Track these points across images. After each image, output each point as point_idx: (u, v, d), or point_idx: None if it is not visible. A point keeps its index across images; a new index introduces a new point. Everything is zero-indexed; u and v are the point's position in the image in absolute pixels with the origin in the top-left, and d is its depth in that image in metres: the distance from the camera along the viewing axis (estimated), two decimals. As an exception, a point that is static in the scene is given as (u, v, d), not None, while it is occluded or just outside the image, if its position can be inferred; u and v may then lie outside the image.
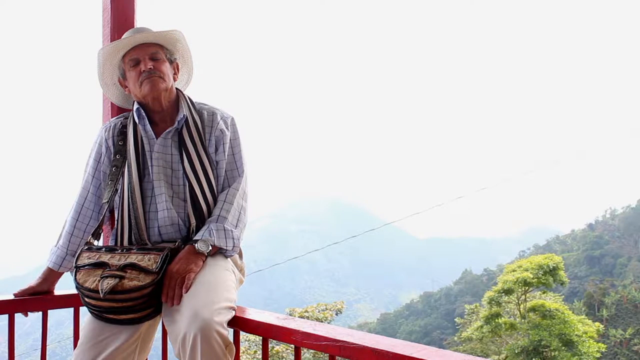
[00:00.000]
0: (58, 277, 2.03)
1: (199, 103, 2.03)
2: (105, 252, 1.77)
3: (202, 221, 1.87)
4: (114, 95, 2.12)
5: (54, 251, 1.99)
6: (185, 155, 1.89)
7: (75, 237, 1.97)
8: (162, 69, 1.92)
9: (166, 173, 1.89)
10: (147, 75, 1.89)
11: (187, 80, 2.15)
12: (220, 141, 1.95)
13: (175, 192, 1.89)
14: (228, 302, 1.69)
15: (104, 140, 1.98)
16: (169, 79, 1.94)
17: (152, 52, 1.93)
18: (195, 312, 1.57)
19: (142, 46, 1.93)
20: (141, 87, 1.90)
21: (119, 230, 1.90)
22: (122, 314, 1.69)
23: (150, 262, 1.69)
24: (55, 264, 1.98)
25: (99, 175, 1.98)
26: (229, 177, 1.96)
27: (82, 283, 1.71)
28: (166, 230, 1.86)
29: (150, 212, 1.88)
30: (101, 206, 1.97)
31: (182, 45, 2.02)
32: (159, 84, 1.90)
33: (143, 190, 1.89)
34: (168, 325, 1.68)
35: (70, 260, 1.97)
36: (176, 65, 2.03)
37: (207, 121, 1.96)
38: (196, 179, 1.87)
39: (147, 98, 1.91)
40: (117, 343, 1.73)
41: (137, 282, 1.65)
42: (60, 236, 2.00)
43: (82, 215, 1.97)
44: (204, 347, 1.53)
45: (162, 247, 1.76)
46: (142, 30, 1.95)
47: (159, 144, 1.90)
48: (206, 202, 1.88)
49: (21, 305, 1.97)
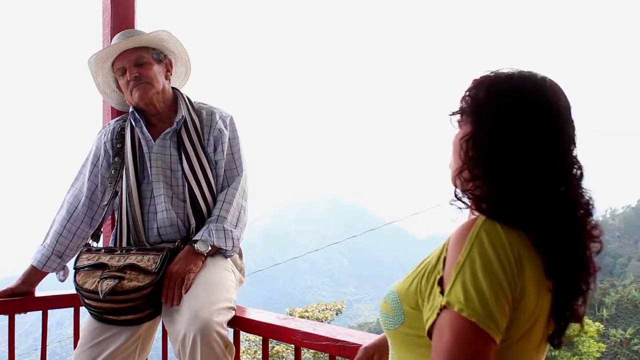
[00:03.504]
0: (40, 277, 1.99)
1: (198, 103, 2.01)
2: (104, 253, 1.77)
3: (202, 221, 1.86)
4: (114, 101, 2.12)
5: (39, 249, 1.96)
6: (184, 155, 1.88)
7: (64, 238, 1.94)
8: (149, 74, 1.88)
9: (165, 174, 1.89)
10: (135, 84, 1.86)
11: (185, 73, 2.11)
12: (218, 141, 1.93)
13: (174, 193, 1.88)
14: (228, 302, 1.69)
15: (102, 144, 1.97)
16: (158, 82, 1.90)
17: (136, 58, 1.88)
18: (195, 312, 1.57)
19: (125, 53, 1.89)
20: (132, 95, 1.88)
21: (117, 231, 1.90)
22: (122, 314, 1.69)
23: (149, 263, 1.69)
24: (40, 262, 1.94)
25: (94, 178, 1.96)
26: (228, 176, 1.95)
27: (81, 284, 1.70)
28: (165, 231, 1.86)
29: (149, 214, 1.87)
30: (95, 210, 1.95)
31: (169, 42, 1.96)
32: (148, 91, 1.87)
33: (142, 191, 1.88)
34: (168, 325, 1.68)
35: (55, 260, 1.94)
36: (168, 62, 1.98)
37: (205, 121, 1.95)
38: (195, 179, 1.86)
39: (139, 105, 1.90)
40: (116, 344, 1.73)
41: (136, 282, 1.65)
42: (48, 235, 1.97)
43: (74, 217, 1.95)
44: (203, 347, 1.53)
45: (161, 248, 1.76)
46: (129, 35, 1.91)
47: (157, 145, 1.89)
48: (205, 202, 1.87)
49: (21, 305, 1.97)
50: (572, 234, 0.88)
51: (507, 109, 0.89)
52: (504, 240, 0.83)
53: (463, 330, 0.79)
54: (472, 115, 0.93)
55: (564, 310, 0.89)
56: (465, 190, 0.93)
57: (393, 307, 0.95)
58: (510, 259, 0.82)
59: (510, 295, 0.81)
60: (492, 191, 0.88)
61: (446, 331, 0.81)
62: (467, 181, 0.92)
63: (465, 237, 0.84)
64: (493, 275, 0.81)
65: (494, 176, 0.88)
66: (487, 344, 0.79)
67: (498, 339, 0.80)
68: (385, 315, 0.97)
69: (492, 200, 0.86)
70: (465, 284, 0.81)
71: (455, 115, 0.98)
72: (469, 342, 0.79)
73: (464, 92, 0.96)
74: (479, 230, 0.84)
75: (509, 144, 0.87)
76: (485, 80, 0.94)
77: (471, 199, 0.91)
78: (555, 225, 0.87)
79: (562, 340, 0.91)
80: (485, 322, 0.79)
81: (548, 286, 0.87)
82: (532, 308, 0.85)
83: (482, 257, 0.82)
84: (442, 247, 0.91)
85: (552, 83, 0.92)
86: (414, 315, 0.91)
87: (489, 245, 0.82)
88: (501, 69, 0.95)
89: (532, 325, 0.86)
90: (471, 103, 0.94)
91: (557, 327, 0.91)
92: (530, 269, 0.84)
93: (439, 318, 0.83)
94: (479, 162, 0.90)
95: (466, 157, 0.92)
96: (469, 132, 0.92)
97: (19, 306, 1.96)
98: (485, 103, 0.92)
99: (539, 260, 0.86)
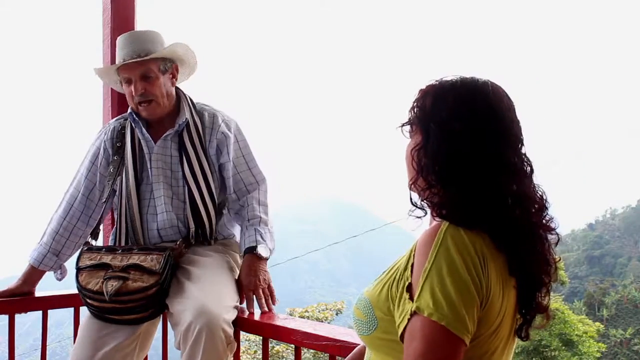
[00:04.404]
0: (39, 277, 1.99)
1: (200, 104, 2.00)
2: (105, 252, 1.77)
3: (201, 223, 1.86)
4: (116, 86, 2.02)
5: (36, 248, 1.96)
6: (185, 157, 1.87)
7: (61, 236, 1.94)
8: (155, 91, 1.82)
9: (165, 175, 1.88)
10: (140, 100, 1.82)
11: (188, 74, 2.06)
12: (223, 144, 1.92)
13: (174, 193, 1.88)
14: (234, 301, 1.71)
15: (102, 142, 1.96)
16: (163, 96, 1.85)
17: (144, 72, 1.80)
18: (204, 305, 1.58)
19: (132, 64, 1.80)
20: (137, 109, 1.85)
21: (117, 231, 1.91)
22: (125, 314, 1.70)
23: (153, 263, 1.69)
24: (36, 260, 1.94)
25: (92, 177, 1.95)
26: (244, 177, 1.94)
27: (85, 285, 1.70)
28: (166, 233, 1.86)
29: (148, 215, 1.87)
30: (93, 209, 1.95)
31: (181, 53, 1.90)
32: (155, 110, 1.85)
33: (141, 192, 1.88)
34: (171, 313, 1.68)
35: (51, 258, 1.94)
36: (175, 68, 1.91)
37: (207, 123, 1.93)
38: (195, 181, 1.86)
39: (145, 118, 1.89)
40: (116, 341, 1.73)
41: (141, 283, 1.65)
42: (45, 233, 1.97)
43: (70, 215, 1.94)
44: (207, 341, 1.53)
45: (163, 247, 1.76)
46: (135, 40, 1.82)
47: (158, 146, 1.88)
48: (204, 204, 1.86)
49: (21, 305, 1.97)
50: (530, 229, 0.92)
51: (453, 116, 0.92)
52: (468, 243, 0.86)
53: (434, 334, 0.82)
54: (420, 125, 0.97)
55: (529, 304, 0.94)
56: (423, 198, 0.97)
57: (365, 313, 0.97)
58: (475, 262, 0.85)
59: (477, 297, 0.84)
60: (448, 197, 0.91)
61: (417, 336, 0.84)
62: (423, 190, 0.96)
63: (430, 243, 0.87)
64: (459, 279, 0.83)
65: (447, 182, 0.92)
66: (457, 346, 0.83)
67: (467, 340, 0.83)
68: (359, 321, 0.99)
69: (450, 205, 0.90)
70: (434, 289, 0.83)
71: (405, 126, 1.01)
72: (440, 346, 0.82)
73: (412, 102, 1.00)
74: (443, 236, 0.86)
75: (458, 150, 0.91)
76: (431, 90, 0.98)
77: (430, 207, 0.95)
78: (514, 224, 0.90)
79: (529, 332, 0.95)
80: (454, 325, 0.82)
81: (512, 283, 0.91)
82: (499, 306, 0.88)
83: (448, 262, 0.84)
84: (410, 253, 0.93)
85: (495, 86, 0.96)
86: (387, 321, 0.93)
87: (454, 250, 0.85)
88: (445, 76, 0.98)
89: (500, 322, 0.90)
90: (419, 113, 0.98)
91: (523, 320, 0.95)
92: (494, 268, 0.87)
93: (410, 324, 0.86)
94: (432, 170, 0.93)
95: (419, 166, 0.95)
96: (419, 142, 0.96)
97: (19, 306, 1.96)
98: (432, 112, 0.95)
99: (501, 259, 0.89)
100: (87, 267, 1.73)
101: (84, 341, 1.74)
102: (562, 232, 0.99)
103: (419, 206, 0.98)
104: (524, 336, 0.95)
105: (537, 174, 0.96)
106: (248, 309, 1.74)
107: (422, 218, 0.98)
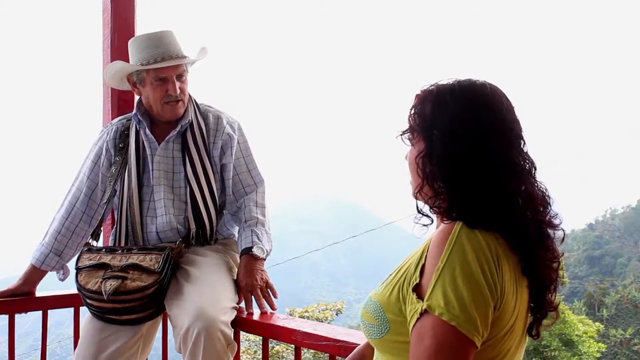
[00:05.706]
0: (40, 277, 1.99)
1: (204, 105, 2.00)
2: (105, 252, 1.77)
3: (202, 224, 1.86)
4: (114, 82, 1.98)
5: (38, 247, 1.96)
6: (187, 158, 1.87)
7: (63, 236, 1.94)
8: (185, 90, 1.87)
9: (167, 177, 1.88)
10: (170, 100, 1.83)
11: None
12: (227, 145, 1.92)
13: (176, 195, 1.88)
14: (232, 302, 1.71)
15: (105, 143, 1.95)
16: (186, 97, 1.89)
17: (180, 71, 1.85)
18: (201, 309, 1.57)
19: (172, 63, 1.81)
20: (162, 108, 1.85)
21: (117, 231, 1.91)
22: (124, 314, 1.70)
23: (152, 262, 1.69)
24: (38, 260, 1.94)
25: (94, 177, 1.95)
26: (243, 179, 1.95)
27: (84, 285, 1.70)
28: (165, 235, 1.86)
29: (148, 217, 1.87)
30: (95, 209, 1.95)
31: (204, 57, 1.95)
32: (181, 109, 1.87)
33: (142, 194, 1.88)
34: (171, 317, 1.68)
35: (53, 258, 1.94)
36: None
37: (212, 125, 1.93)
38: (197, 183, 1.86)
39: (161, 116, 1.88)
40: (118, 343, 1.73)
41: (140, 282, 1.66)
42: (47, 233, 1.97)
43: (72, 215, 1.94)
44: (206, 344, 1.54)
45: (162, 247, 1.76)
46: (171, 40, 1.83)
47: (161, 147, 1.88)
48: (206, 205, 1.86)
49: (21, 305, 1.97)
50: (539, 228, 0.92)
51: (455, 121, 0.92)
52: (483, 244, 0.85)
53: (443, 334, 0.81)
54: (422, 132, 0.96)
55: (541, 302, 0.94)
56: (430, 205, 0.96)
57: (376, 316, 0.96)
58: (490, 264, 0.84)
59: (490, 299, 0.83)
60: (458, 201, 0.90)
61: (427, 335, 0.83)
62: (429, 197, 0.95)
63: (443, 244, 0.86)
64: (473, 280, 0.82)
65: (455, 188, 0.91)
66: (467, 348, 0.81)
67: (478, 342, 0.82)
68: (369, 325, 0.97)
69: (462, 208, 0.89)
70: (445, 289, 0.83)
71: (406, 134, 1.01)
72: (449, 346, 0.81)
73: (409, 109, 0.99)
74: (457, 236, 0.86)
75: (463, 155, 0.90)
76: (428, 96, 0.97)
77: (439, 212, 0.94)
78: (526, 224, 0.90)
79: (539, 331, 0.95)
80: (465, 326, 0.81)
81: (525, 283, 0.91)
82: (513, 306, 0.88)
83: (461, 262, 0.84)
84: (421, 254, 0.92)
85: (493, 87, 0.96)
86: (399, 322, 0.92)
87: (470, 250, 0.84)
88: (440, 80, 0.97)
89: (514, 323, 0.89)
90: (419, 120, 0.97)
91: (534, 319, 0.95)
92: (508, 269, 0.87)
93: (419, 322, 0.85)
94: (438, 176, 0.93)
95: (424, 173, 0.94)
96: (423, 149, 0.95)
97: (19, 306, 1.96)
98: (433, 118, 0.95)
99: (514, 260, 0.89)
100: (87, 267, 1.74)
101: (87, 343, 1.74)
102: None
103: (425, 213, 0.97)
104: (535, 334, 0.95)
105: (538, 174, 0.96)
106: (247, 310, 1.74)
107: (428, 226, 0.97)
